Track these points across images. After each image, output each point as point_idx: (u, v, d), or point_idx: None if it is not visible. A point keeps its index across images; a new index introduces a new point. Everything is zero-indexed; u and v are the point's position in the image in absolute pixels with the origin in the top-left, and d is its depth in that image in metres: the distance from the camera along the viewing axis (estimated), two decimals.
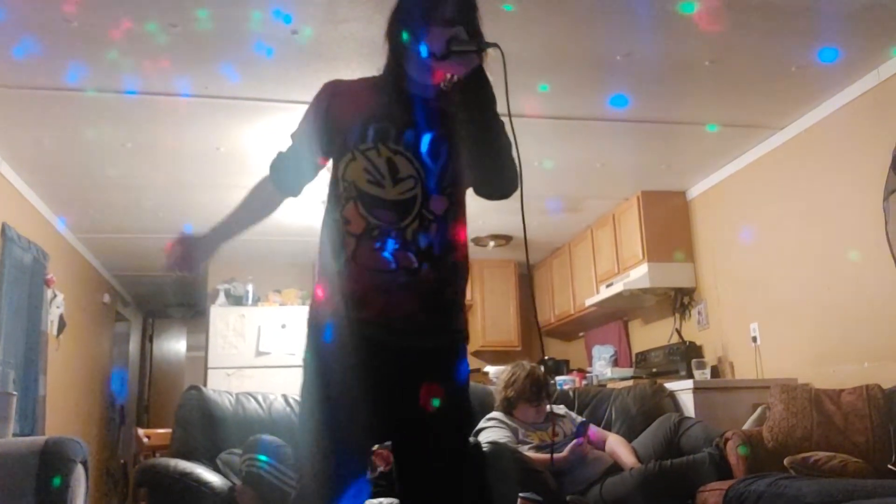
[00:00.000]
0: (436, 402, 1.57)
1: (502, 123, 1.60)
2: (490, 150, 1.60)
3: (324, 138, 1.67)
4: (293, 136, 1.74)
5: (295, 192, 1.76)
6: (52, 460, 2.79)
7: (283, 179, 1.74)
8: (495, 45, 1.54)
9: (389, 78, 1.67)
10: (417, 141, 1.61)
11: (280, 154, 1.75)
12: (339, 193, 1.63)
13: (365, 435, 1.59)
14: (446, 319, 1.66)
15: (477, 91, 1.58)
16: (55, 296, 5.36)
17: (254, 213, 1.80)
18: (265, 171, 1.78)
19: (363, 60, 3.35)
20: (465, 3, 1.61)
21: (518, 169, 1.62)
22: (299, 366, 1.66)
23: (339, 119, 1.64)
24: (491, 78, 1.58)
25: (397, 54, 1.65)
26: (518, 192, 1.65)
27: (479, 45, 1.54)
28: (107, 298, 7.32)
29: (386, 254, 1.58)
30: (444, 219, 1.64)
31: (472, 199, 1.68)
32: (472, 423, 1.72)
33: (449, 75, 1.63)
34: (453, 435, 1.64)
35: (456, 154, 1.64)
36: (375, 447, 2.99)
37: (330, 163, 1.71)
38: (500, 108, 1.59)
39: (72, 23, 2.96)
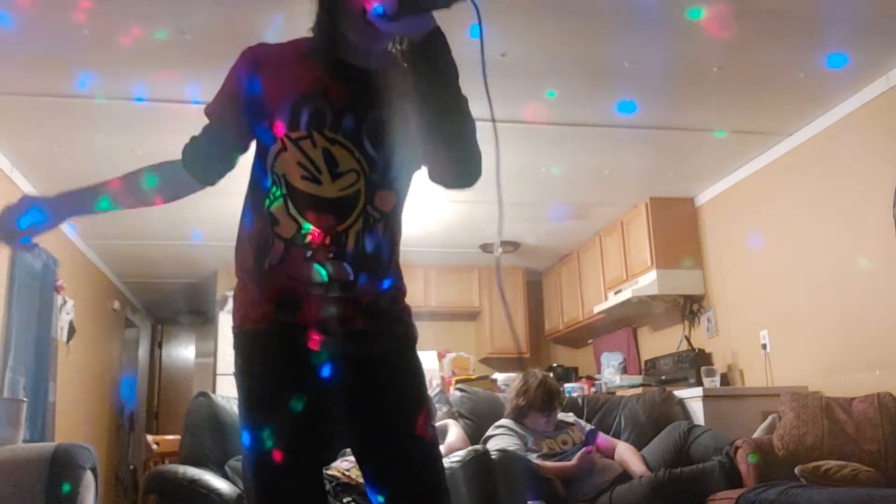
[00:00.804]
0: (392, 407, 1.40)
1: (465, 100, 1.32)
2: (451, 134, 1.33)
3: (245, 119, 1.39)
4: (209, 114, 1.45)
5: (211, 181, 1.48)
6: (62, 467, 2.80)
7: (197, 168, 1.46)
8: None
9: (322, 44, 1.37)
10: (359, 126, 1.35)
11: (193, 139, 1.47)
12: (266, 186, 1.38)
13: (316, 446, 1.36)
14: (387, 324, 1.45)
15: (436, 60, 1.27)
16: (65, 302, 5.39)
17: (148, 190, 1.52)
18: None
19: None
20: None
21: (480, 154, 1.36)
22: None
23: (265, 98, 1.36)
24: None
25: (332, 12, 1.35)
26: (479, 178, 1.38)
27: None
28: (116, 305, 7.34)
29: (317, 265, 1.35)
30: (391, 216, 1.42)
31: (483, 206, 1.47)
32: (431, 416, 1.47)
33: (398, 40, 1.34)
34: (412, 429, 1.40)
35: (404, 139, 1.37)
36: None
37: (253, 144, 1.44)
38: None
39: (82, 30, 2.99)
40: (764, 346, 4.41)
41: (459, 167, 1.37)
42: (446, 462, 2.92)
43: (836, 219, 3.86)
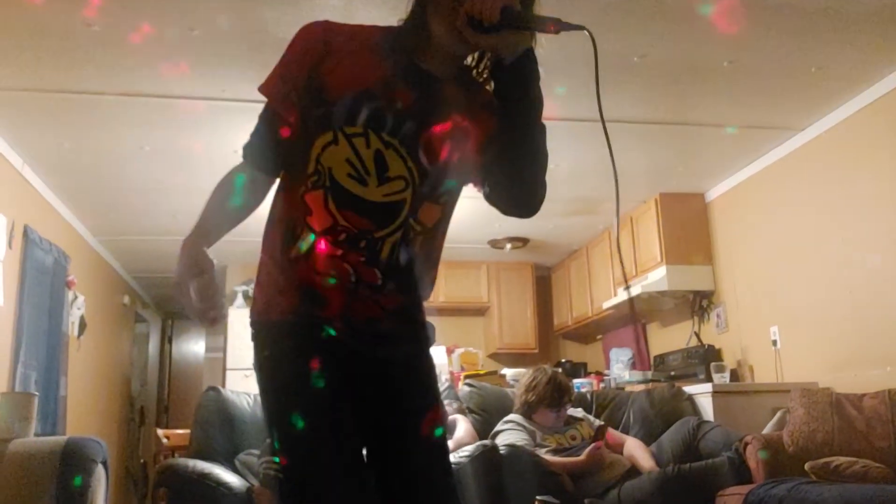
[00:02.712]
0: (410, 410, 1.37)
1: (544, 132, 1.28)
2: (523, 164, 1.29)
3: (304, 98, 1.29)
4: (268, 94, 1.34)
5: (278, 171, 1.38)
6: (73, 460, 2.82)
7: (263, 160, 1.37)
8: (581, 28, 1.19)
9: (405, 42, 1.30)
10: (417, 135, 1.27)
11: (252, 133, 1.38)
12: (307, 172, 1.29)
13: (354, 434, 1.30)
14: (411, 327, 1.41)
15: (524, 85, 1.24)
16: (76, 297, 5.42)
17: (234, 211, 1.38)
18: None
19: None
20: None
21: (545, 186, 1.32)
22: None
23: (327, 84, 1.27)
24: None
25: (425, 13, 1.27)
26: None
27: (559, 23, 1.17)
28: (126, 300, 7.38)
29: (347, 265, 1.29)
30: (432, 231, 1.36)
31: (485, 201, 1.39)
32: (445, 427, 1.45)
33: (488, 55, 1.29)
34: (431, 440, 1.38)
35: (461, 156, 1.31)
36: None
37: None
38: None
39: (92, 27, 3.00)
40: (774, 342, 4.39)
41: (523, 198, 1.33)
42: (455, 457, 2.93)
43: (847, 215, 3.84)
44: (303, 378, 1.27)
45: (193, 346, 9.72)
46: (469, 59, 1.35)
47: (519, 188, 1.32)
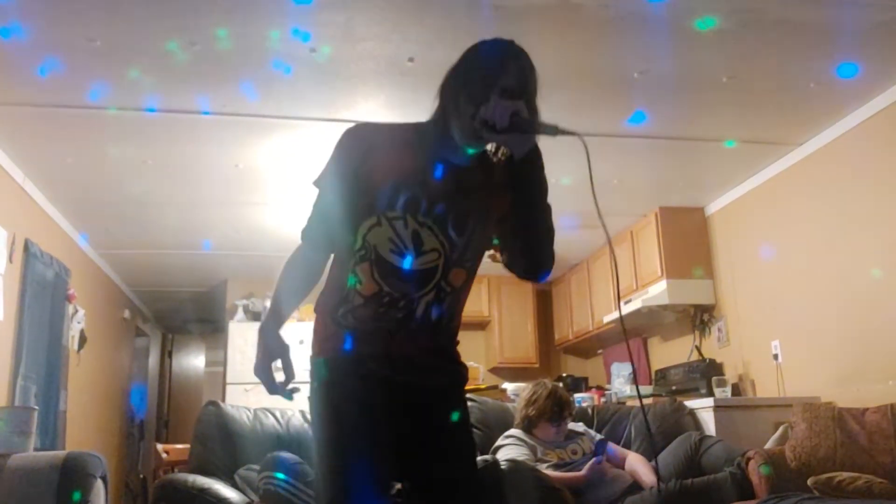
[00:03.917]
0: (444, 440, 1.58)
1: (550, 211, 1.56)
2: (532, 237, 1.56)
3: (352, 193, 1.55)
4: (321, 185, 1.62)
5: (332, 249, 1.65)
6: (72, 475, 2.81)
7: (323, 240, 1.63)
8: (575, 134, 1.43)
9: (433, 138, 1.56)
10: (447, 215, 1.54)
11: (308, 221, 1.65)
12: (356, 249, 1.55)
13: (386, 465, 1.52)
14: (445, 361, 1.65)
15: (531, 173, 1.52)
16: (76, 311, 5.41)
17: (299, 289, 1.66)
18: (286, 190, 1.70)
19: (380, 79, 3.38)
20: (528, 77, 1.53)
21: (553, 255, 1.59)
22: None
23: (371, 178, 1.53)
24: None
25: (448, 114, 1.53)
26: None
27: (557, 130, 1.44)
28: (127, 314, 7.38)
29: (389, 319, 1.54)
30: (460, 290, 1.61)
31: None
32: (475, 456, 1.73)
33: (501, 150, 1.57)
34: (466, 468, 1.62)
35: (482, 228, 1.58)
36: None
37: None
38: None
39: (95, 42, 3.01)
40: (775, 357, 4.38)
41: (533, 266, 1.59)
42: None
43: (847, 228, 3.84)
44: (347, 404, 1.52)
45: (193, 361, 9.70)
46: (488, 146, 1.59)
47: (529, 258, 1.59)
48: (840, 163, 3.92)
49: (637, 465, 3.49)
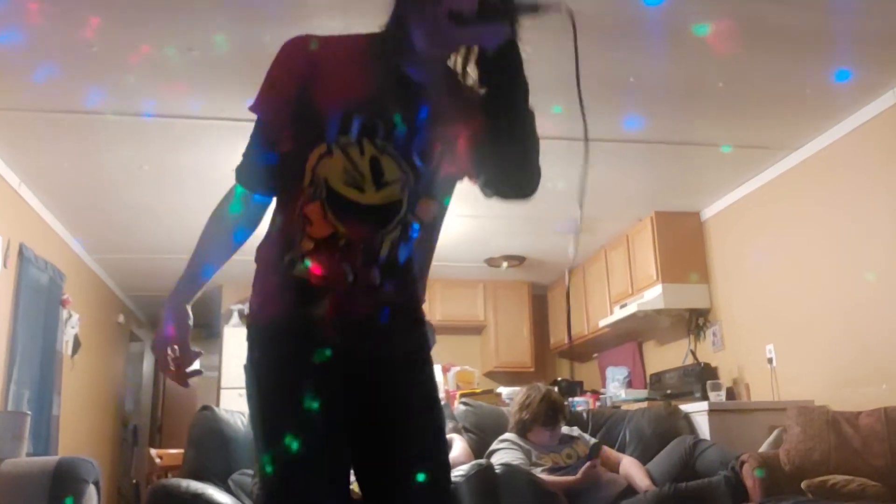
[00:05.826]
0: (404, 417, 1.34)
1: (533, 117, 1.33)
2: (516, 150, 1.31)
3: (296, 118, 1.31)
4: (259, 111, 1.36)
5: (273, 189, 1.39)
6: (65, 480, 2.80)
7: (258, 181, 1.38)
8: (558, 8, 1.24)
9: (390, 48, 1.32)
10: (410, 139, 1.30)
11: (244, 154, 1.39)
12: (302, 185, 1.30)
13: (341, 446, 1.30)
14: (409, 322, 1.40)
15: (508, 74, 1.28)
16: (70, 316, 5.40)
17: (229, 244, 1.42)
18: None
19: None
20: None
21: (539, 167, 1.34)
22: None
23: (319, 95, 1.29)
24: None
25: (407, 14, 1.30)
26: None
27: (537, 6, 1.23)
28: (121, 319, 7.36)
29: (346, 266, 1.29)
30: (430, 226, 1.38)
31: (488, 220, 1.46)
32: (443, 434, 1.45)
33: (469, 47, 1.33)
34: (427, 442, 1.36)
35: (452, 152, 1.34)
36: None
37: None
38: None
39: (91, 47, 3.01)
40: (770, 361, 4.39)
41: (519, 181, 1.35)
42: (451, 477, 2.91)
43: (842, 233, 3.86)
44: (288, 388, 1.27)
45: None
46: (452, 61, 1.37)
47: (514, 171, 1.34)
48: (835, 168, 3.93)
49: (631, 468, 3.50)
